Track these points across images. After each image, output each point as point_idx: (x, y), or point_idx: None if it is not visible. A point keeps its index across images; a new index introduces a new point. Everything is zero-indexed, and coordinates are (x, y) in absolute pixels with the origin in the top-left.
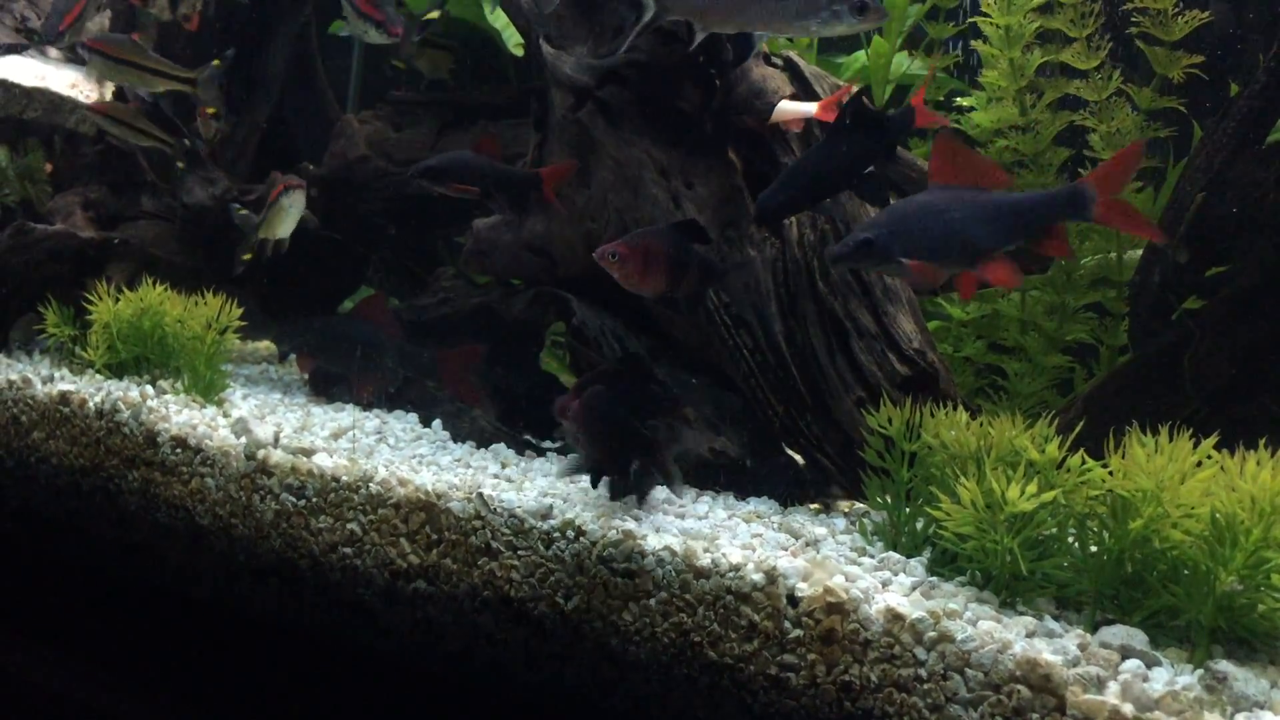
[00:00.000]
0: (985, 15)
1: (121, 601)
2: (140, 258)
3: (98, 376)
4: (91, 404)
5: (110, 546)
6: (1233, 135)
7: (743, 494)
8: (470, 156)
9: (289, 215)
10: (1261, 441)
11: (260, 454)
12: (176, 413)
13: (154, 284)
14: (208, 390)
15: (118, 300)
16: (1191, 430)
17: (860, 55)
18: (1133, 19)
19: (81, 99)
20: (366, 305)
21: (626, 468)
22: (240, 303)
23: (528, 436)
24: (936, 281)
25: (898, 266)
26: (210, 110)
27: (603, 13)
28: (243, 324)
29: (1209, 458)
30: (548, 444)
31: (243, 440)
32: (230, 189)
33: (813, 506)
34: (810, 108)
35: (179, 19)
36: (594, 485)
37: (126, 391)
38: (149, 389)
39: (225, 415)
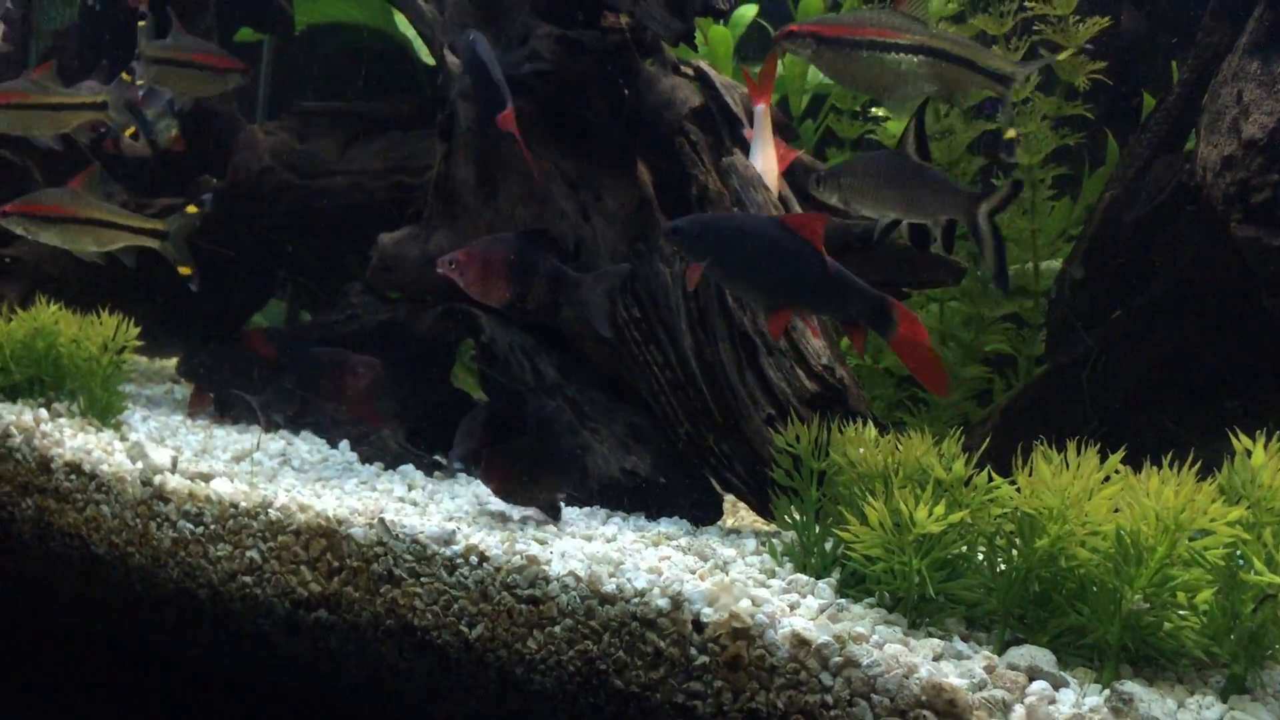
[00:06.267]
0: None
1: (15, 634)
2: (34, 275)
3: None
4: None
5: (3, 577)
6: (1149, 148)
7: (654, 515)
8: None
9: None
10: (1166, 458)
11: (157, 480)
12: (71, 437)
13: (48, 303)
14: (104, 413)
15: (10, 320)
16: (1099, 445)
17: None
18: (1034, 26)
19: None
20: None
21: None
22: (139, 320)
23: (437, 456)
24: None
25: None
26: (129, 131)
27: (507, 22)
28: (139, 344)
29: (1117, 473)
30: (458, 464)
31: (139, 465)
32: (128, 202)
33: (725, 524)
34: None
35: None
36: None
37: (19, 415)
38: (43, 412)
39: (122, 439)
